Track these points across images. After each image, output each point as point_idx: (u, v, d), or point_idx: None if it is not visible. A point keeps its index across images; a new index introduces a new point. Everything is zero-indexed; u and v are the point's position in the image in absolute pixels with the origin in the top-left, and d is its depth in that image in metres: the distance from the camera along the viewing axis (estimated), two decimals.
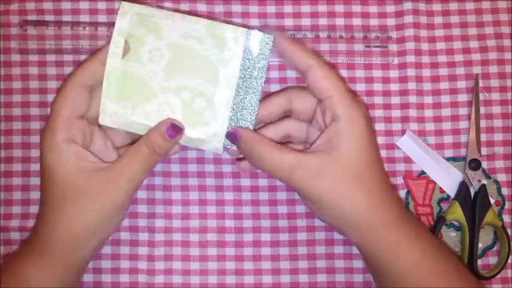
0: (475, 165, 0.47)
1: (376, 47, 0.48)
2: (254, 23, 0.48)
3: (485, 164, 0.47)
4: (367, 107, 0.48)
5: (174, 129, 0.40)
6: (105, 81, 0.40)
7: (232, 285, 0.47)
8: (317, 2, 0.49)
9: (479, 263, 0.46)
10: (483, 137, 0.48)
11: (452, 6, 0.49)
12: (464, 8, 0.49)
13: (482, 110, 0.48)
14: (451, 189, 0.47)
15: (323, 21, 0.49)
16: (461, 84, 0.48)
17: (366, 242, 0.40)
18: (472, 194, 0.46)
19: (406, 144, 0.47)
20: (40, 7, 0.48)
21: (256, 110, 0.41)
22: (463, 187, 0.46)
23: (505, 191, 0.47)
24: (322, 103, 0.40)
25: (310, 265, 0.47)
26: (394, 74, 0.48)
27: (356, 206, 0.39)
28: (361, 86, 0.48)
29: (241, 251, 0.47)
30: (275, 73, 0.48)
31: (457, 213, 0.46)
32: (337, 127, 0.39)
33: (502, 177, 0.47)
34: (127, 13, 0.40)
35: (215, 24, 0.40)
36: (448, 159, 0.47)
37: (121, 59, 0.40)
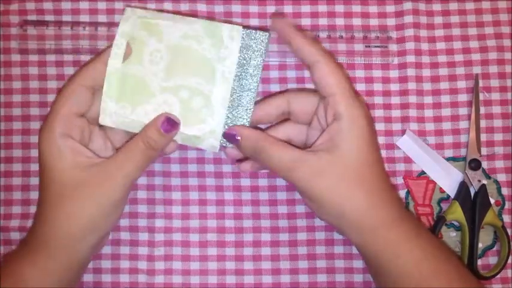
0: (475, 165, 0.47)
1: (376, 47, 0.48)
2: (254, 23, 0.48)
3: (485, 164, 0.47)
4: (367, 107, 0.48)
5: (169, 123, 0.39)
6: (106, 81, 0.40)
7: (232, 285, 0.47)
8: (317, 2, 0.49)
9: (479, 263, 0.46)
10: (483, 137, 0.48)
11: (452, 6, 0.49)
12: (464, 8, 0.49)
13: (482, 110, 0.48)
14: (451, 189, 0.47)
15: (323, 21, 0.49)
16: (461, 84, 0.48)
17: (366, 241, 0.40)
18: (472, 194, 0.46)
19: (406, 144, 0.47)
20: (40, 7, 0.48)
21: (251, 108, 0.41)
22: (463, 187, 0.46)
23: (505, 191, 0.47)
24: (325, 100, 0.40)
25: (310, 265, 0.47)
26: (394, 74, 0.48)
27: (356, 205, 0.39)
28: (361, 86, 0.48)
29: (241, 251, 0.47)
30: (275, 73, 0.48)
31: (457, 213, 0.46)
32: (339, 126, 0.39)
33: (502, 177, 0.47)
34: (130, 17, 0.40)
35: (212, 23, 0.41)
36: (448, 159, 0.47)
37: (123, 60, 0.40)
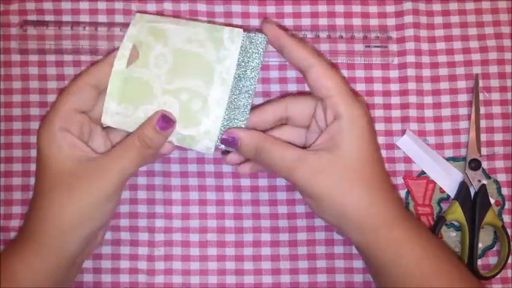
0: (475, 165, 0.47)
1: (376, 47, 0.48)
2: (254, 23, 0.48)
3: (485, 164, 0.47)
4: (367, 107, 0.48)
5: (165, 121, 0.40)
6: (111, 82, 0.40)
7: (232, 285, 0.47)
8: (317, 2, 0.49)
9: (479, 263, 0.46)
10: (483, 137, 0.48)
11: (452, 6, 0.49)
12: (464, 8, 0.49)
13: (482, 110, 0.48)
14: (451, 189, 0.47)
15: (323, 21, 0.49)
16: (461, 84, 0.48)
17: (367, 241, 0.40)
18: (472, 194, 0.46)
19: (406, 144, 0.47)
20: (40, 7, 0.48)
21: (248, 110, 0.41)
22: (463, 187, 0.46)
23: (505, 191, 0.47)
24: (323, 102, 0.40)
25: (310, 265, 0.47)
26: (394, 74, 0.48)
27: (358, 205, 0.39)
28: (361, 86, 0.48)
29: (241, 251, 0.47)
30: (275, 73, 0.48)
31: (457, 213, 0.46)
32: (339, 126, 0.39)
33: (502, 177, 0.47)
34: (138, 22, 0.41)
35: (214, 27, 0.41)
36: (448, 159, 0.47)
37: (130, 63, 0.40)
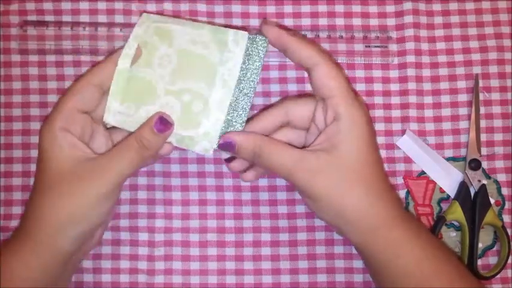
0: (475, 165, 0.47)
1: (376, 47, 0.48)
2: (254, 23, 0.48)
3: (485, 164, 0.47)
4: (367, 107, 0.48)
5: (162, 123, 0.39)
6: (114, 81, 0.40)
7: (232, 285, 0.47)
8: (317, 2, 0.49)
9: (479, 263, 0.46)
10: (483, 137, 0.48)
11: (452, 6, 0.49)
12: (464, 8, 0.48)
13: (482, 110, 0.48)
14: (451, 189, 0.47)
15: (323, 21, 0.49)
16: (461, 84, 0.48)
17: (366, 241, 0.40)
18: (472, 194, 0.46)
19: (406, 144, 0.47)
20: (40, 7, 0.48)
21: (247, 112, 0.41)
22: (463, 187, 0.46)
23: (505, 191, 0.47)
24: (324, 102, 0.40)
25: (310, 265, 0.47)
26: (394, 74, 0.48)
27: (357, 205, 0.39)
28: (361, 86, 0.48)
29: (241, 251, 0.47)
30: (275, 73, 0.48)
31: (457, 213, 0.46)
32: (338, 127, 0.39)
33: (502, 177, 0.47)
34: (145, 22, 0.41)
35: (219, 29, 0.41)
36: (448, 159, 0.47)
37: (133, 63, 0.40)
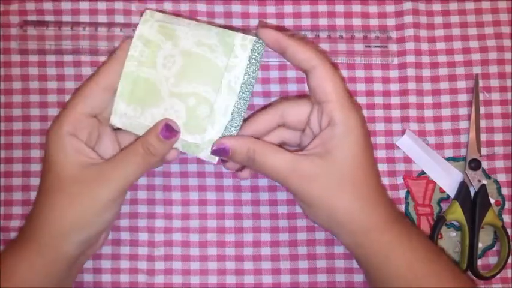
0: (475, 165, 0.47)
1: (376, 47, 0.48)
2: (254, 23, 0.48)
3: (485, 164, 0.47)
4: (367, 107, 0.48)
5: (168, 130, 0.39)
6: (121, 83, 0.40)
7: (232, 285, 0.47)
8: (317, 2, 0.49)
9: (479, 263, 0.46)
10: (483, 137, 0.48)
11: (452, 6, 0.49)
12: (464, 8, 0.48)
13: (482, 110, 0.48)
14: (451, 189, 0.47)
15: (323, 21, 0.48)
16: (461, 84, 0.48)
17: (358, 244, 0.40)
18: (472, 194, 0.46)
19: (406, 144, 0.47)
20: (40, 7, 0.48)
21: (242, 116, 0.40)
22: (463, 187, 0.46)
23: (505, 191, 0.47)
24: (320, 105, 0.40)
25: (310, 265, 0.47)
26: (394, 74, 0.48)
27: (348, 208, 0.39)
28: (361, 86, 0.48)
29: (241, 251, 0.47)
30: (275, 73, 0.48)
31: (457, 213, 0.46)
32: (333, 132, 0.39)
33: (502, 177, 0.47)
34: (149, 20, 0.40)
35: (227, 32, 0.40)
36: (448, 159, 0.47)
37: (139, 64, 0.40)
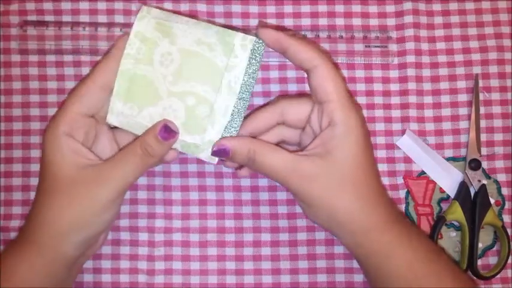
0: (475, 165, 0.47)
1: (376, 47, 0.48)
2: (254, 23, 0.48)
3: (485, 164, 0.47)
4: (367, 107, 0.48)
5: (167, 131, 0.39)
6: (117, 81, 0.40)
7: (232, 285, 0.47)
8: (317, 2, 0.49)
9: (479, 263, 0.46)
10: (483, 137, 0.48)
11: (452, 6, 0.49)
12: (464, 8, 0.48)
13: (482, 110, 0.48)
14: (451, 189, 0.47)
15: (323, 21, 0.48)
16: (461, 84, 0.48)
17: (358, 244, 0.40)
18: (472, 194, 0.46)
19: (406, 144, 0.47)
20: (40, 7, 0.48)
21: (242, 116, 0.40)
22: (463, 187, 0.46)
23: (505, 191, 0.47)
24: (321, 105, 0.40)
25: (310, 265, 0.47)
26: (394, 74, 0.48)
27: (348, 207, 0.39)
28: (361, 86, 0.48)
29: (241, 251, 0.47)
30: (275, 73, 0.48)
31: (457, 213, 0.46)
32: (333, 133, 0.39)
33: (502, 177, 0.47)
34: (145, 17, 0.40)
35: (226, 31, 0.40)
36: (448, 159, 0.47)
37: (135, 62, 0.39)
